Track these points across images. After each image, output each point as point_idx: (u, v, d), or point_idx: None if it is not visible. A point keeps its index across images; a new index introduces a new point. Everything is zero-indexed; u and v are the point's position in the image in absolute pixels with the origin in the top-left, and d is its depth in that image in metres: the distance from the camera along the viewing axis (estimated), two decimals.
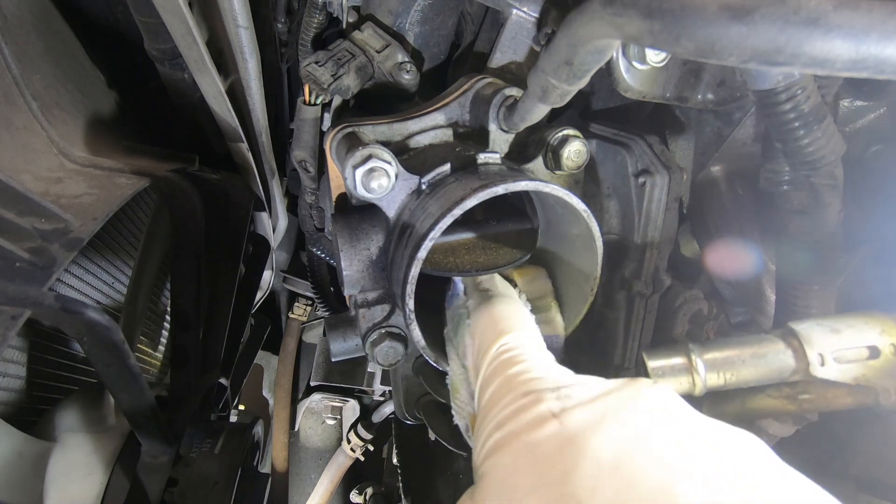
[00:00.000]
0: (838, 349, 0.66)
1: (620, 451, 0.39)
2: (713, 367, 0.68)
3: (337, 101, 1.00)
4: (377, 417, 2.22)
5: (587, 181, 0.96)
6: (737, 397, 0.73)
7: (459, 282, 0.75)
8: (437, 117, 0.83)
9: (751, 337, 0.70)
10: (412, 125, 0.82)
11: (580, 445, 0.41)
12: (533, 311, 0.76)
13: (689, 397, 0.70)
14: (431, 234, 0.63)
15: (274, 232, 1.54)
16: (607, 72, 0.79)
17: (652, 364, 0.69)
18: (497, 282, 0.75)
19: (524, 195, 0.85)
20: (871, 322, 0.67)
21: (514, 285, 0.78)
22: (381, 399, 2.30)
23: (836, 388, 0.68)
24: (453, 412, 0.68)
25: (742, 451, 0.41)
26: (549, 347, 0.73)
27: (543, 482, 0.39)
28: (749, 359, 0.68)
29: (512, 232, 0.83)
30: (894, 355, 0.65)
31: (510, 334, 0.60)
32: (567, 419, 0.43)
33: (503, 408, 0.49)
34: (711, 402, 0.78)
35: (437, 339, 0.74)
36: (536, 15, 0.81)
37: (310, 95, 1.00)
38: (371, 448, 2.23)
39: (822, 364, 0.66)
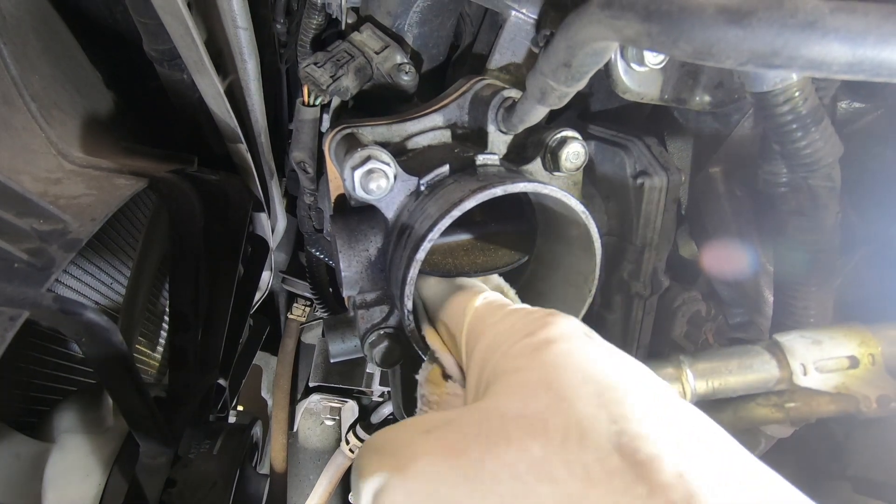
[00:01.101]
0: (819, 359, 0.71)
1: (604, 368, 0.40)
2: (702, 376, 0.73)
3: (336, 102, 1.01)
4: (376, 418, 2.22)
5: (586, 182, 0.96)
6: (728, 407, 0.77)
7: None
8: (436, 118, 0.83)
9: (738, 348, 0.75)
10: (411, 126, 0.82)
11: (572, 365, 0.41)
12: None
13: None
14: (430, 236, 0.63)
15: (273, 233, 1.54)
16: (606, 73, 0.79)
17: None
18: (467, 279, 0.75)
19: (523, 196, 0.85)
20: (850, 334, 0.72)
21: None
22: (380, 400, 2.30)
23: (819, 397, 0.73)
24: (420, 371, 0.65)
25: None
26: None
27: (556, 395, 0.39)
28: (736, 368, 0.73)
29: (510, 233, 0.83)
30: (872, 365, 0.70)
31: (488, 292, 0.60)
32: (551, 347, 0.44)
33: (494, 339, 0.49)
34: (704, 411, 0.80)
35: None
36: (535, 17, 0.81)
37: (308, 96, 1.00)
38: None
39: (805, 373, 0.71)
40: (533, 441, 0.36)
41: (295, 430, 2.36)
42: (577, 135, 0.78)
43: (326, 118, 1.05)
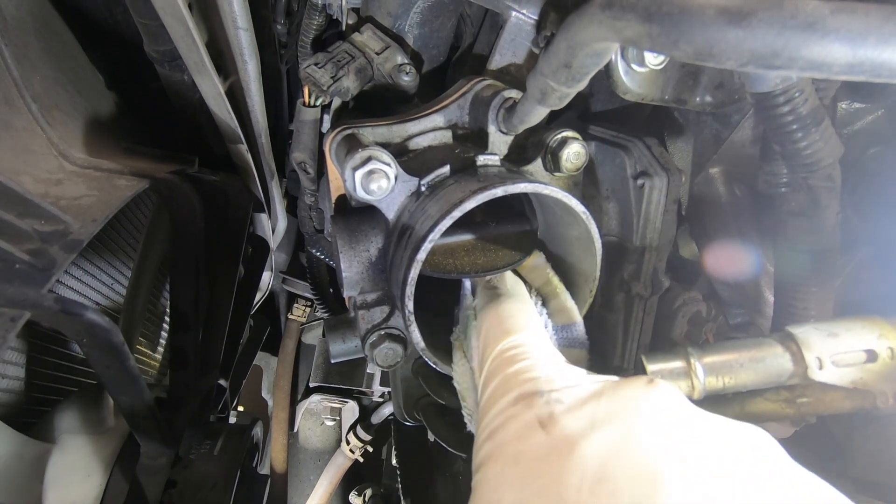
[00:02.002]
0: (836, 353, 0.66)
1: (605, 458, 0.38)
2: (712, 371, 0.68)
3: (336, 102, 1.01)
4: (376, 419, 2.22)
5: (586, 183, 0.96)
6: (735, 401, 0.73)
7: (468, 282, 0.75)
8: (437, 119, 0.83)
9: (749, 340, 0.70)
10: (411, 127, 0.82)
11: (564, 455, 0.39)
12: (542, 301, 0.76)
13: (689, 400, 0.70)
14: (431, 236, 0.63)
15: (273, 233, 1.54)
16: (606, 74, 0.79)
17: (651, 367, 0.69)
18: (506, 278, 0.74)
19: (523, 197, 0.85)
20: (868, 326, 0.67)
21: (524, 280, 0.78)
22: (381, 400, 2.30)
23: (833, 392, 0.68)
24: (465, 420, 0.67)
25: (742, 447, 0.39)
26: (570, 338, 0.73)
27: (526, 496, 0.38)
28: (748, 362, 0.68)
29: (511, 233, 0.83)
30: (891, 359, 0.65)
31: (514, 335, 0.58)
32: (554, 427, 0.42)
33: (495, 416, 0.48)
34: (710, 406, 0.79)
35: (436, 340, 0.74)
36: (535, 17, 0.81)
37: (309, 97, 1.00)
38: (370, 449, 2.23)
39: (821, 368, 0.66)
40: None
41: (295, 430, 2.36)
42: (577, 135, 0.78)
43: (327, 119, 1.05)
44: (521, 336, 0.58)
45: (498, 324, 0.62)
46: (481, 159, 0.71)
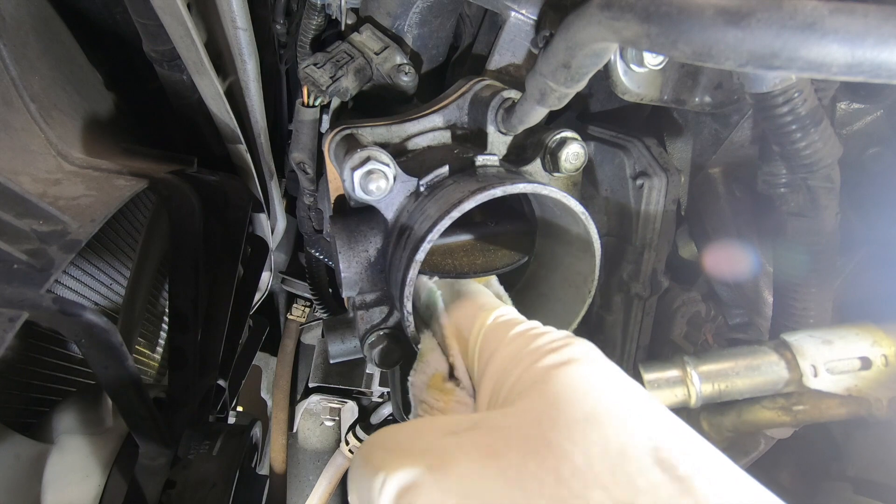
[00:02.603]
0: (830, 360, 0.67)
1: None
2: (708, 379, 0.69)
3: (335, 102, 1.01)
4: (376, 419, 2.22)
5: (585, 183, 0.96)
6: (733, 409, 0.74)
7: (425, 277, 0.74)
8: (436, 119, 0.83)
9: (745, 348, 0.71)
10: (410, 127, 0.82)
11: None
12: None
13: (685, 408, 0.71)
14: (429, 237, 0.63)
15: (272, 233, 1.54)
16: (605, 74, 0.79)
17: (648, 377, 0.70)
18: (470, 283, 0.74)
19: (522, 197, 0.85)
20: (862, 333, 0.68)
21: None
22: (380, 400, 2.30)
23: (829, 399, 0.69)
24: (412, 373, 0.65)
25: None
26: None
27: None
28: (743, 370, 0.69)
29: (510, 234, 0.83)
30: (885, 366, 0.66)
31: (501, 307, 0.60)
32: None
33: (529, 352, 0.48)
34: (708, 415, 0.79)
35: None
36: (535, 18, 0.81)
37: (308, 97, 1.00)
38: None
39: (815, 375, 0.67)
40: (574, 447, 0.37)
41: (294, 430, 2.36)
42: (576, 136, 0.78)
43: (326, 119, 1.05)
44: (507, 308, 0.60)
45: (477, 305, 0.62)
46: (480, 160, 0.71)
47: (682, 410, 0.52)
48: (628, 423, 0.38)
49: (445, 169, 0.71)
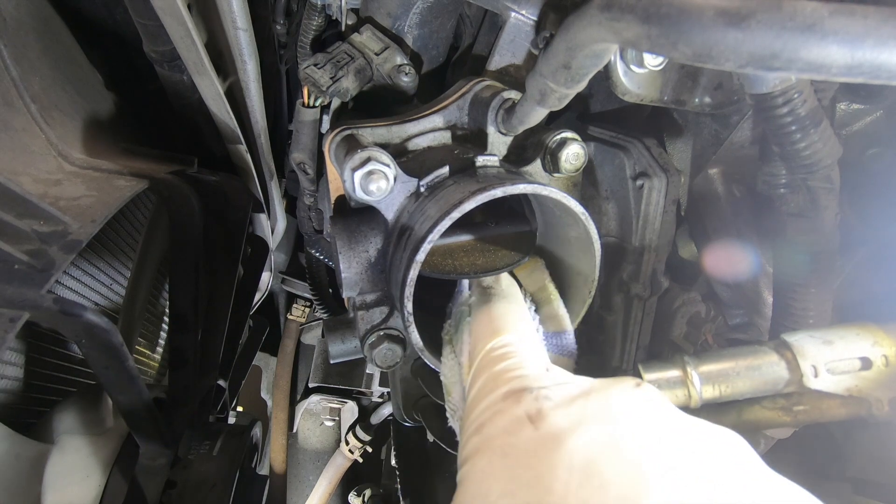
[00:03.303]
0: (831, 360, 0.67)
1: (593, 454, 0.39)
2: (708, 380, 0.69)
3: (335, 103, 1.01)
4: (375, 419, 2.22)
5: (585, 184, 0.96)
6: (732, 409, 0.74)
7: (465, 280, 0.75)
8: (436, 120, 0.83)
9: (745, 348, 0.71)
10: (411, 128, 0.82)
11: (553, 449, 0.40)
12: (535, 306, 0.76)
13: (686, 409, 0.70)
14: (430, 237, 0.63)
15: (272, 234, 1.54)
16: (605, 75, 0.79)
17: (648, 377, 0.70)
18: (502, 279, 0.74)
19: (522, 198, 0.85)
20: (862, 333, 0.68)
21: (519, 283, 0.78)
22: (380, 401, 2.30)
23: (829, 400, 0.69)
24: (448, 414, 0.68)
25: (721, 451, 0.40)
26: (559, 346, 0.73)
27: (514, 487, 0.39)
28: (743, 371, 0.69)
29: (510, 234, 0.83)
30: (886, 366, 0.66)
31: (504, 335, 0.59)
32: (543, 422, 0.43)
33: (483, 411, 0.48)
34: (708, 415, 0.79)
35: (435, 341, 0.74)
36: (535, 18, 0.81)
37: (308, 98, 1.00)
38: (369, 450, 2.23)
39: (816, 375, 0.67)
40: None
41: (294, 430, 2.36)
42: (576, 136, 0.78)
43: (326, 119, 1.05)
44: (511, 336, 0.59)
45: (489, 323, 0.63)
46: (480, 160, 0.72)
47: (682, 411, 0.52)
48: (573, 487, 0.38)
49: (446, 169, 0.71)
